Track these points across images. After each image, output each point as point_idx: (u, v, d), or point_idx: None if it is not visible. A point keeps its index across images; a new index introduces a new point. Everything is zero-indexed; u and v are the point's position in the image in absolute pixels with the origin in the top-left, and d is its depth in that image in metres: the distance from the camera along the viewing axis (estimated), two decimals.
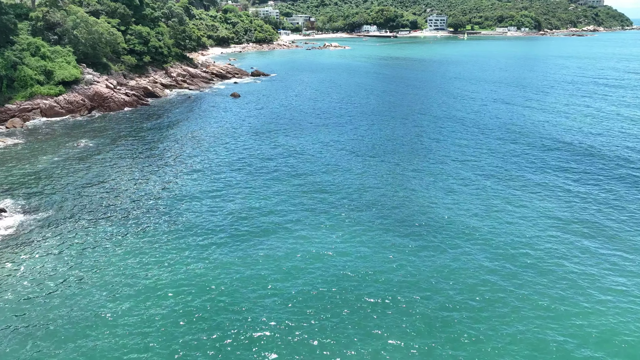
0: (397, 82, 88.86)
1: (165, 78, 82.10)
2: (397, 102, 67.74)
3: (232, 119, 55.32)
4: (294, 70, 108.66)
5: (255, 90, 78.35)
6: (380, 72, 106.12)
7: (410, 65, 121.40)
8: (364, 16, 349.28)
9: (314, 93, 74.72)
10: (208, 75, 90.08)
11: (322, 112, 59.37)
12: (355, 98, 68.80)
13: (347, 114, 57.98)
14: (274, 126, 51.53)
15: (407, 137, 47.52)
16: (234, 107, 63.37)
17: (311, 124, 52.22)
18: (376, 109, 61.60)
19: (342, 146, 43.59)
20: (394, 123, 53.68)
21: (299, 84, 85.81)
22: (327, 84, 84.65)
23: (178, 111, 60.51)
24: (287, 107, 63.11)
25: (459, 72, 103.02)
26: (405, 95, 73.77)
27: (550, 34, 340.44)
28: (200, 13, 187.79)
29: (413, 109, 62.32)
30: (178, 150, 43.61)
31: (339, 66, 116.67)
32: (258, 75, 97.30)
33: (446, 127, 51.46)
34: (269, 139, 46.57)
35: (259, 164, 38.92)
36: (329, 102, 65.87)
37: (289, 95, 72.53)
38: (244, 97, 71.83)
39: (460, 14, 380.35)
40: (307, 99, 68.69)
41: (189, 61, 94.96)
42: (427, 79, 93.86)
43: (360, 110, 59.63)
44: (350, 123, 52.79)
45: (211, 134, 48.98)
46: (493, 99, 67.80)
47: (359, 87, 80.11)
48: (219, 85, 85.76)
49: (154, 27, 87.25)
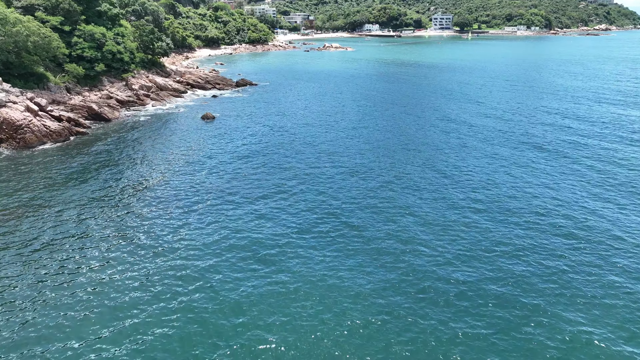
0: (418, 103, 71.45)
1: (124, 91, 64.82)
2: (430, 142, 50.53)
3: (190, 168, 37.93)
4: (288, 78, 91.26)
5: (236, 108, 60.94)
6: (393, 83, 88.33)
7: (425, 74, 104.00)
8: (366, 15, 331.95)
9: (311, 115, 56.27)
10: (181, 87, 72.81)
11: (322, 150, 41.85)
12: (368, 129, 49.44)
13: (361, 157, 40.31)
14: (250, 185, 34.07)
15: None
16: (199, 139, 45.93)
17: (307, 178, 34.81)
18: (395, 150, 44.25)
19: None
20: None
21: (292, 98, 68.09)
22: (329, 101, 66.02)
23: (115, 148, 42.72)
24: (274, 139, 45.83)
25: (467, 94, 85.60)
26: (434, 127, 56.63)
27: (562, 33, 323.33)
28: (188, 11, 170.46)
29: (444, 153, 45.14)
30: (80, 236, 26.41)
31: (341, 74, 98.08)
32: (244, 85, 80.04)
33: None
34: (237, 214, 29.39)
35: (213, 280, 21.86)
36: (333, 132, 48.20)
37: (277, 119, 53.93)
38: (218, 120, 54.34)
39: (466, 12, 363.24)
40: (301, 125, 50.81)
41: (160, 68, 77.73)
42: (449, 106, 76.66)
43: (378, 154, 41.45)
44: (370, 185, 33.65)
45: (142, 202, 31.74)
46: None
47: (370, 108, 61.86)
48: (193, 99, 68.44)
49: (113, 27, 69.94)
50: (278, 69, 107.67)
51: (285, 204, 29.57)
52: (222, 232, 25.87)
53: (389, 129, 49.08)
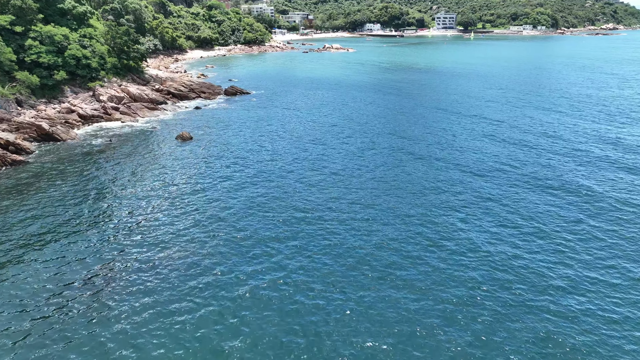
0: (435, 121, 61.58)
1: (90, 103, 55.16)
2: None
3: (147, 220, 28.36)
4: (284, 85, 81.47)
5: (220, 125, 51.12)
6: (398, 96, 76.98)
7: (433, 84, 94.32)
8: (367, 14, 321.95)
9: (308, 136, 45.76)
10: (160, 96, 63.08)
11: (326, 193, 32.07)
12: (375, 159, 38.53)
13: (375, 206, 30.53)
14: (216, 250, 24.61)
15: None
16: (167, 170, 36.18)
17: (305, 238, 25.29)
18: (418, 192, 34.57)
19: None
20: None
21: (287, 113, 57.56)
22: (330, 117, 54.49)
23: (51, 185, 32.87)
24: (261, 171, 36.18)
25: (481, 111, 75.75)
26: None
27: (569, 32, 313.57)
28: (179, 10, 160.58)
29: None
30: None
31: (342, 81, 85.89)
32: (234, 93, 70.29)
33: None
34: (210, 282, 19.94)
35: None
36: (334, 164, 38.41)
37: (267, 142, 43.37)
38: (196, 142, 44.58)
39: (470, 11, 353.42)
40: (296, 152, 40.94)
41: (138, 74, 67.98)
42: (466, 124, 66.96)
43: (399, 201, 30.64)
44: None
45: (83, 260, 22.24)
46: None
47: (375, 129, 49.43)
48: (171, 112, 58.69)
49: (79, 28, 60.25)
50: (273, 74, 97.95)
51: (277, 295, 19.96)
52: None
53: (396, 163, 39.43)
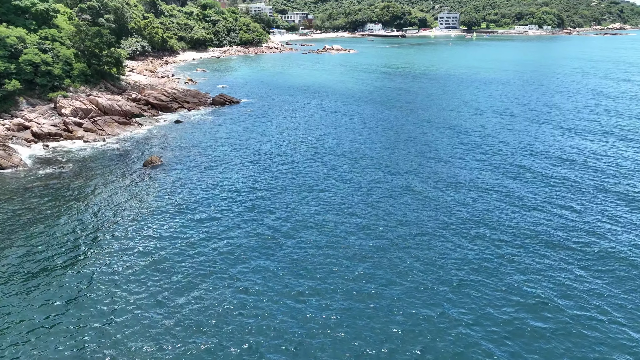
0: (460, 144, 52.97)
1: (49, 118, 46.98)
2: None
3: (89, 278, 20.26)
4: (279, 92, 73.00)
5: (200, 145, 42.75)
6: (408, 107, 68.27)
7: (441, 90, 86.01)
8: (368, 13, 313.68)
9: (305, 161, 36.80)
10: (135, 108, 54.80)
11: (324, 241, 24.11)
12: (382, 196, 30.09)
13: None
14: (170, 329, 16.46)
15: None
16: (123, 211, 28.21)
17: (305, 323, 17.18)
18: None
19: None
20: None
21: (281, 129, 48.12)
22: (331, 135, 45.54)
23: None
24: (243, 211, 28.10)
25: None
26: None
27: (575, 32, 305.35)
28: (172, 9, 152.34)
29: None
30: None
31: (345, 89, 75.39)
32: (222, 103, 62.03)
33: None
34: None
35: None
36: (335, 204, 29.79)
37: (253, 169, 35.07)
38: (166, 168, 36.32)
39: (473, 10, 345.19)
40: (289, 186, 32.70)
41: (112, 81, 59.72)
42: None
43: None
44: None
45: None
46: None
47: (383, 153, 40.37)
48: (145, 127, 50.33)
49: (40, 29, 52.05)
50: (269, 79, 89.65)
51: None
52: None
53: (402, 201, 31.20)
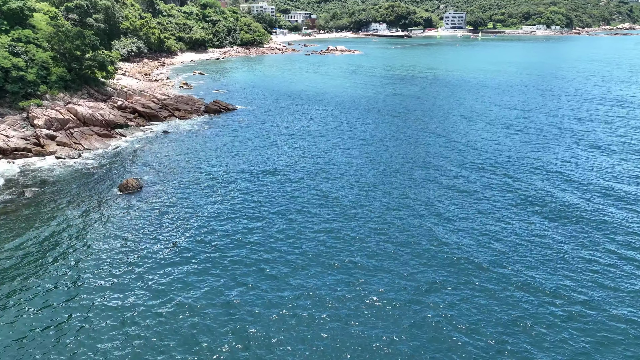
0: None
1: (20, 129, 41.70)
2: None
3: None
4: (279, 98, 67.39)
5: (185, 166, 36.88)
6: (415, 117, 60.63)
7: (451, 97, 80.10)
8: (372, 13, 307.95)
9: (304, 184, 31.40)
10: (120, 117, 49.41)
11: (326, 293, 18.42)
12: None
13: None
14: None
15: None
16: (93, 254, 22.94)
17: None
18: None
19: None
20: None
21: (280, 143, 42.40)
22: (335, 149, 40.07)
23: None
24: (233, 245, 22.83)
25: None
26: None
27: (584, 32, 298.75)
28: (170, 8, 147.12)
29: None
30: None
31: (350, 96, 68.26)
32: (217, 110, 56.60)
33: None
34: None
35: None
36: (340, 240, 24.35)
37: (245, 192, 29.94)
38: (145, 194, 30.84)
39: (479, 10, 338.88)
40: (290, 231, 27.23)
41: (97, 87, 54.37)
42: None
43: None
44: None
45: None
46: None
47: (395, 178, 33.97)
48: (128, 140, 44.94)
49: (12, 30, 46.75)
50: (269, 82, 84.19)
51: None
52: None
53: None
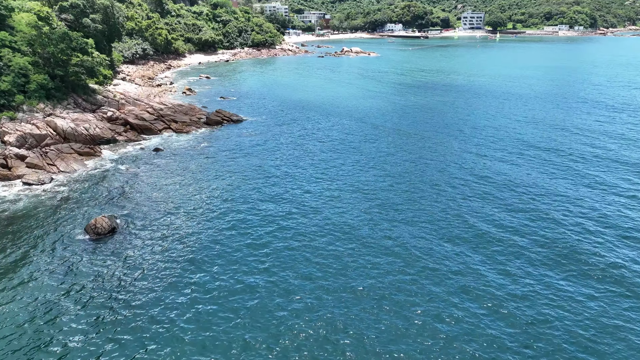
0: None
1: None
2: None
3: None
4: (289, 107, 60.57)
5: (173, 196, 30.65)
6: (441, 144, 53.64)
7: (478, 110, 72.42)
8: (388, 13, 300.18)
9: (322, 242, 24.04)
10: (108, 130, 43.46)
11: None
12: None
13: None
14: None
15: None
16: (41, 327, 16.94)
17: None
18: None
19: None
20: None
21: (290, 164, 36.56)
22: (350, 179, 33.55)
23: None
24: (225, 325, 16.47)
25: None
26: None
27: (610, 33, 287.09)
28: (179, 8, 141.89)
29: None
30: None
31: (369, 108, 59.40)
32: (219, 122, 50.38)
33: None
34: None
35: None
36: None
37: (245, 255, 22.83)
38: (117, 241, 24.32)
39: (498, 10, 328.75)
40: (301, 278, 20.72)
41: (86, 96, 48.52)
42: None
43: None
44: None
45: None
46: None
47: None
48: (112, 159, 38.96)
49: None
50: (279, 88, 77.84)
51: None
52: None
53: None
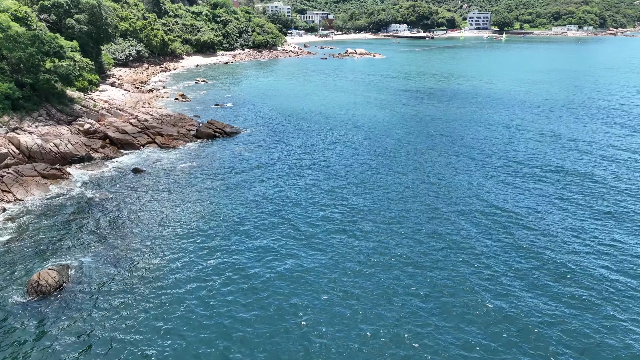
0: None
1: None
2: None
3: None
4: (289, 117, 54.63)
5: (142, 238, 25.40)
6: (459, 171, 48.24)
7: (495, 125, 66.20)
8: (392, 13, 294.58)
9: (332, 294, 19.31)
10: (81, 146, 38.04)
11: None
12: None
13: None
14: None
15: None
16: None
17: None
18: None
19: None
20: None
21: (288, 188, 31.79)
22: (366, 214, 28.24)
23: None
24: None
25: None
26: None
27: (620, 33, 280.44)
28: (177, 8, 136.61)
29: None
30: None
31: (374, 118, 52.30)
32: (210, 134, 44.84)
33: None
34: None
35: None
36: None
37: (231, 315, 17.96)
38: (64, 301, 18.81)
39: (505, 10, 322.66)
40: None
41: (62, 106, 43.09)
42: None
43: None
44: None
45: None
46: None
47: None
48: (81, 181, 33.50)
49: None
50: (279, 95, 72.19)
51: None
52: None
53: None
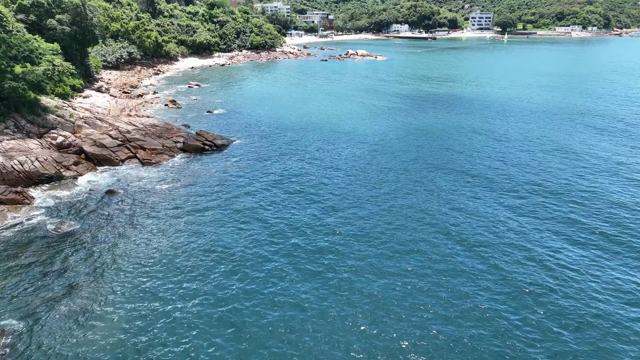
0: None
1: None
2: None
3: None
4: (285, 127, 49.83)
5: (111, 283, 20.99)
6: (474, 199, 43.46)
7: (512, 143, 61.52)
8: (393, 13, 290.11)
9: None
10: (51, 163, 33.74)
11: None
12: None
13: None
14: None
15: None
16: None
17: None
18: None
19: None
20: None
21: (281, 213, 27.35)
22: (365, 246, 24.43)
23: None
24: None
25: None
26: None
27: (625, 34, 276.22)
28: (173, 8, 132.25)
29: None
30: None
31: (376, 130, 47.47)
32: (199, 148, 40.50)
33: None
34: None
35: None
36: None
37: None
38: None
39: (507, 10, 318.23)
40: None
41: (33, 116, 38.77)
42: None
43: None
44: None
45: None
46: None
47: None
48: (45, 205, 29.14)
49: None
50: (275, 102, 67.66)
51: None
52: None
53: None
